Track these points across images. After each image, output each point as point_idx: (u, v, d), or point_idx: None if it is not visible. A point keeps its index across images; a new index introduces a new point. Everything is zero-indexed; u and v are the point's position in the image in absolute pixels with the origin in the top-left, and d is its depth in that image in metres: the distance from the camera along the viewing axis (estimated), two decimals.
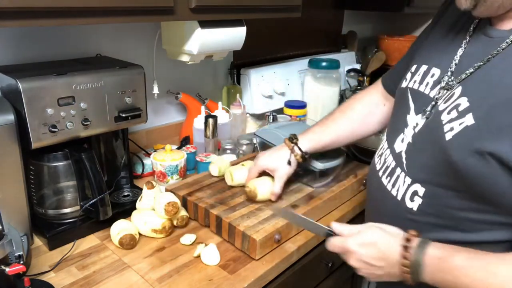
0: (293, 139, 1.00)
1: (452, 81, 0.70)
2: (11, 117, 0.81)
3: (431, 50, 0.80)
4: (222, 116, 1.35)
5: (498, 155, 0.59)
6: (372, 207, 0.88)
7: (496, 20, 0.68)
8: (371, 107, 1.01)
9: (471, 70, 0.67)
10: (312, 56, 1.79)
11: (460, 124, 0.64)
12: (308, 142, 1.00)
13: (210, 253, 0.88)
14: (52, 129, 0.86)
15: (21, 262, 0.72)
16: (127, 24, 1.23)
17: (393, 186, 0.78)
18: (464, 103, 0.65)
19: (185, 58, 1.20)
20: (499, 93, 0.61)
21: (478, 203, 0.66)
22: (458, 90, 0.68)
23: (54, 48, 1.09)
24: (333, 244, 0.75)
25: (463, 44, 0.72)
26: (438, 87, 0.73)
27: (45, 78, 0.85)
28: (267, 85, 1.61)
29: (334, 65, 1.62)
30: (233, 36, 1.20)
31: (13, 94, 0.83)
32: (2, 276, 0.70)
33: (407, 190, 0.74)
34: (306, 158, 1.00)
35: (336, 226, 0.76)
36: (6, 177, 0.83)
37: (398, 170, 0.77)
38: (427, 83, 0.76)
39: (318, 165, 1.07)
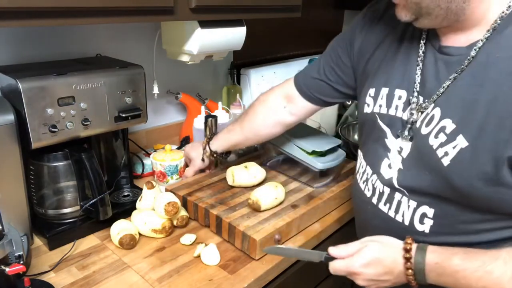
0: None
1: (424, 102, 0.70)
2: (11, 117, 0.81)
3: (385, 71, 0.78)
4: (222, 116, 1.34)
5: None
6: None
7: (442, 34, 0.69)
8: (272, 109, 1.03)
9: (441, 90, 0.68)
10: (312, 56, 1.79)
11: (454, 148, 0.65)
12: (219, 142, 1.12)
13: (210, 253, 0.88)
14: (52, 129, 0.86)
15: (21, 262, 0.72)
16: (127, 24, 1.23)
17: (396, 212, 0.76)
18: (449, 125, 0.65)
19: (185, 58, 1.20)
20: (483, 111, 0.62)
21: (489, 214, 0.66)
22: (437, 112, 0.68)
23: (54, 48, 1.09)
24: (336, 269, 0.73)
25: (419, 62, 0.72)
26: (409, 108, 0.73)
27: (45, 78, 0.84)
28: (267, 85, 1.60)
29: None
30: (233, 36, 1.20)
31: (13, 94, 0.83)
32: (2, 276, 0.70)
33: (414, 214, 0.74)
34: (216, 156, 1.13)
35: (333, 250, 0.74)
36: (6, 177, 0.83)
37: (398, 195, 0.76)
38: (396, 106, 0.75)
39: (318, 165, 1.07)
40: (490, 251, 0.63)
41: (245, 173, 1.07)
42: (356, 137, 1.59)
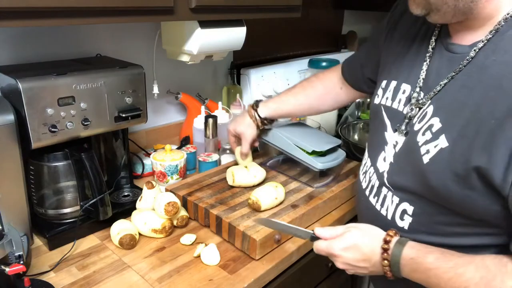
0: (254, 106, 1.12)
1: (422, 98, 0.71)
2: (11, 117, 0.81)
3: (397, 65, 0.80)
4: (222, 116, 1.35)
5: (483, 169, 0.59)
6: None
7: (453, 31, 0.69)
8: (329, 88, 1.08)
9: (438, 88, 0.68)
10: (312, 56, 1.79)
11: (435, 147, 0.65)
12: (267, 110, 1.11)
13: (210, 253, 0.88)
14: (52, 129, 0.86)
15: (21, 262, 0.72)
16: (127, 24, 1.23)
17: (381, 205, 0.78)
18: (436, 123, 0.66)
19: (185, 58, 1.20)
20: (468, 113, 0.62)
21: (465, 218, 0.66)
22: (430, 110, 0.69)
23: (54, 48, 1.09)
24: (318, 248, 0.77)
25: (427, 58, 0.73)
26: (409, 103, 0.74)
27: (45, 78, 0.84)
28: (267, 85, 1.61)
29: (334, 65, 1.61)
30: (233, 36, 1.20)
31: (13, 94, 0.83)
32: (2, 276, 0.70)
33: (396, 209, 0.75)
34: (266, 123, 1.12)
35: (318, 231, 0.77)
36: (6, 177, 0.83)
37: (384, 189, 0.78)
38: (400, 100, 0.76)
39: (318, 165, 1.07)
40: (466, 255, 0.64)
41: (245, 173, 1.07)
42: (356, 137, 1.58)
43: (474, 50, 0.64)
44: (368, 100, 1.81)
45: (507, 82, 0.58)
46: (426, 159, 0.67)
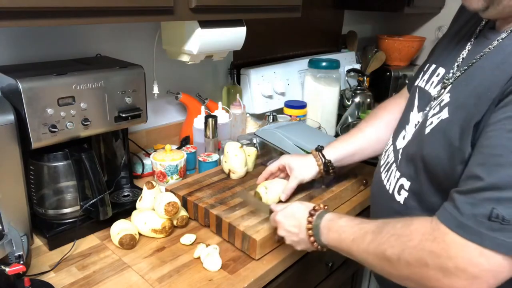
0: (318, 148, 1.01)
1: (448, 79, 0.73)
2: (11, 117, 0.81)
3: (441, 51, 0.83)
4: (222, 116, 1.35)
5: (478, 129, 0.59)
6: (372, 202, 0.91)
7: (500, 23, 0.69)
8: (395, 113, 0.99)
9: (462, 70, 0.70)
10: (312, 56, 1.79)
11: (438, 118, 0.68)
12: (334, 151, 0.99)
13: (212, 259, 0.86)
14: (52, 129, 0.86)
15: (21, 262, 0.72)
16: (127, 24, 1.23)
17: (387, 180, 0.82)
18: (446, 98, 0.69)
19: (185, 58, 1.20)
20: (472, 88, 0.64)
21: None
22: (448, 88, 0.71)
23: (54, 48, 1.09)
24: (270, 219, 0.87)
25: (468, 45, 0.75)
26: (440, 85, 0.76)
27: (45, 78, 0.84)
28: (267, 85, 1.61)
29: (334, 65, 1.62)
30: (233, 36, 1.20)
31: (13, 94, 0.83)
32: (2, 276, 0.70)
33: (396, 184, 0.78)
34: (329, 167, 0.99)
35: (273, 205, 0.89)
36: (6, 177, 0.83)
37: (394, 165, 0.81)
38: (432, 82, 0.79)
39: None
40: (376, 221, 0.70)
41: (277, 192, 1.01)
42: None
43: (506, 32, 0.64)
44: (368, 100, 1.81)
45: (508, 63, 0.59)
46: (428, 130, 0.69)
